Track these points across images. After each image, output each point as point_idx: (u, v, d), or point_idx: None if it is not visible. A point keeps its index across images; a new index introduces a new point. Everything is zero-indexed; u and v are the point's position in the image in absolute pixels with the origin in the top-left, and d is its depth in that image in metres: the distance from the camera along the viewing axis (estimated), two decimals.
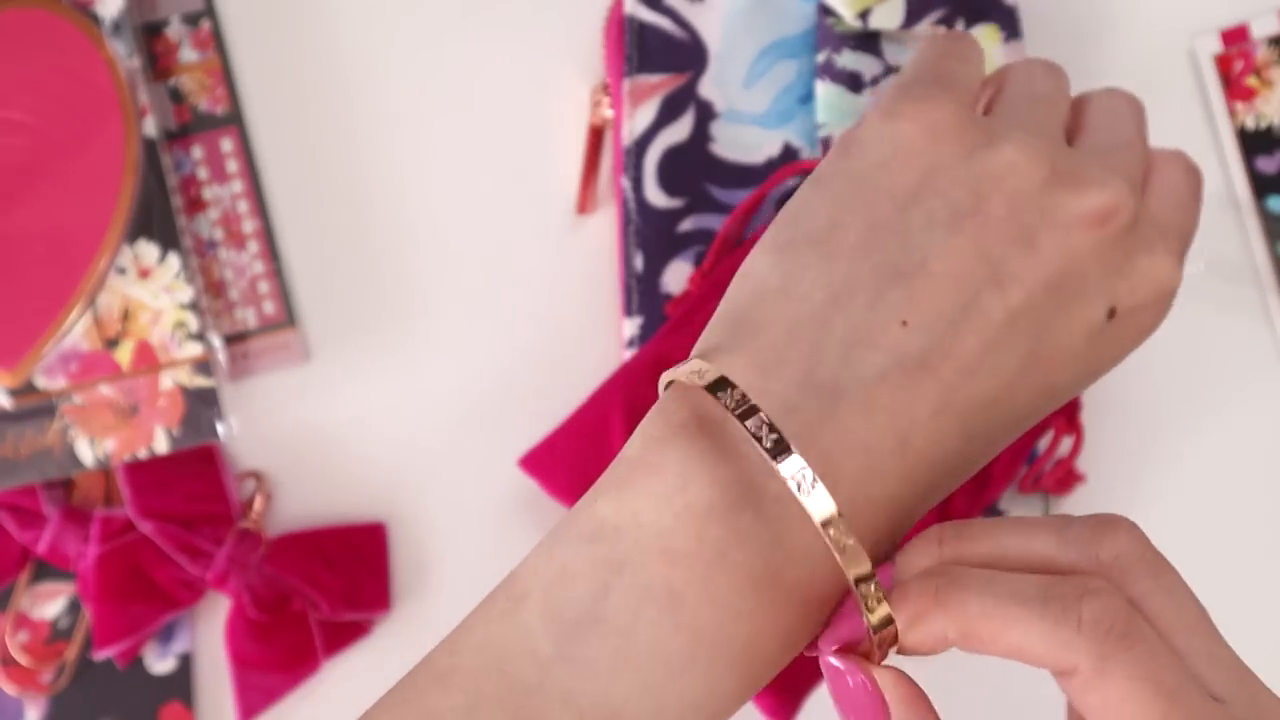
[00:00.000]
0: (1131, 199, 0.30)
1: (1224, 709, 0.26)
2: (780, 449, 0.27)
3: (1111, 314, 0.30)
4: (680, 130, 0.47)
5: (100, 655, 0.47)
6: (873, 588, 0.27)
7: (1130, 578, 0.29)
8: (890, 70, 0.48)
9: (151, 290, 0.46)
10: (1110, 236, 0.30)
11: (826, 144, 0.47)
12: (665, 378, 0.30)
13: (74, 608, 0.49)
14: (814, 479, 0.27)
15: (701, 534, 0.28)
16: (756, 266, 0.31)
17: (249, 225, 0.49)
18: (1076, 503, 0.49)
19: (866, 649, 0.28)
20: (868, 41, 0.47)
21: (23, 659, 0.48)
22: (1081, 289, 0.30)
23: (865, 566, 0.27)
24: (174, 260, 0.46)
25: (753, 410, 0.27)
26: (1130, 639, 0.26)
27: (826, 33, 0.47)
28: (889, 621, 0.27)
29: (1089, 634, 0.26)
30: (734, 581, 0.28)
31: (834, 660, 0.28)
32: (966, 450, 0.29)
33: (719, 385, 0.28)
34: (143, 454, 0.46)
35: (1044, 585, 0.27)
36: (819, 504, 0.27)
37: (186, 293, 0.46)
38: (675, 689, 0.28)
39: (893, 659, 0.28)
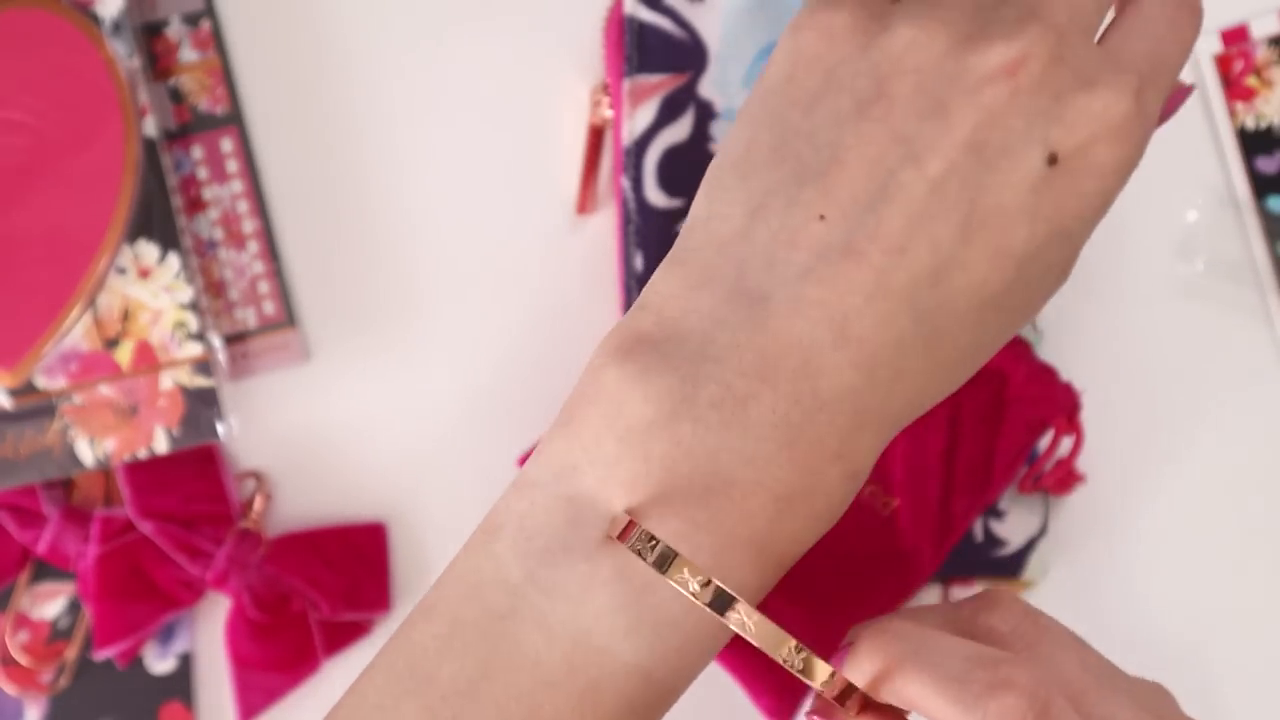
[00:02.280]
0: (1042, 43, 0.29)
1: None
2: (664, 561, 0.27)
3: (1053, 159, 0.29)
4: (680, 130, 0.47)
5: (100, 655, 0.47)
6: (795, 651, 0.28)
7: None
8: None
9: (151, 290, 0.46)
10: (1028, 84, 0.29)
11: None
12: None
13: (74, 608, 0.49)
14: (705, 580, 0.27)
15: (647, 455, 0.28)
16: (694, 205, 0.31)
17: (249, 225, 0.49)
18: (1077, 503, 0.49)
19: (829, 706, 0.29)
20: None
21: (23, 659, 0.48)
22: (1008, 142, 0.29)
23: (786, 642, 0.28)
24: (174, 260, 0.46)
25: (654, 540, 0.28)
26: None
27: None
28: (832, 677, 0.28)
29: None
30: (687, 494, 0.28)
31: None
32: (924, 331, 0.29)
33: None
34: (143, 454, 0.46)
35: (966, 665, 0.28)
36: (717, 598, 0.27)
37: (186, 293, 0.46)
38: (646, 607, 0.28)
39: None
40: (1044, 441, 0.47)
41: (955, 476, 0.46)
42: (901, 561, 0.46)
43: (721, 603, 0.27)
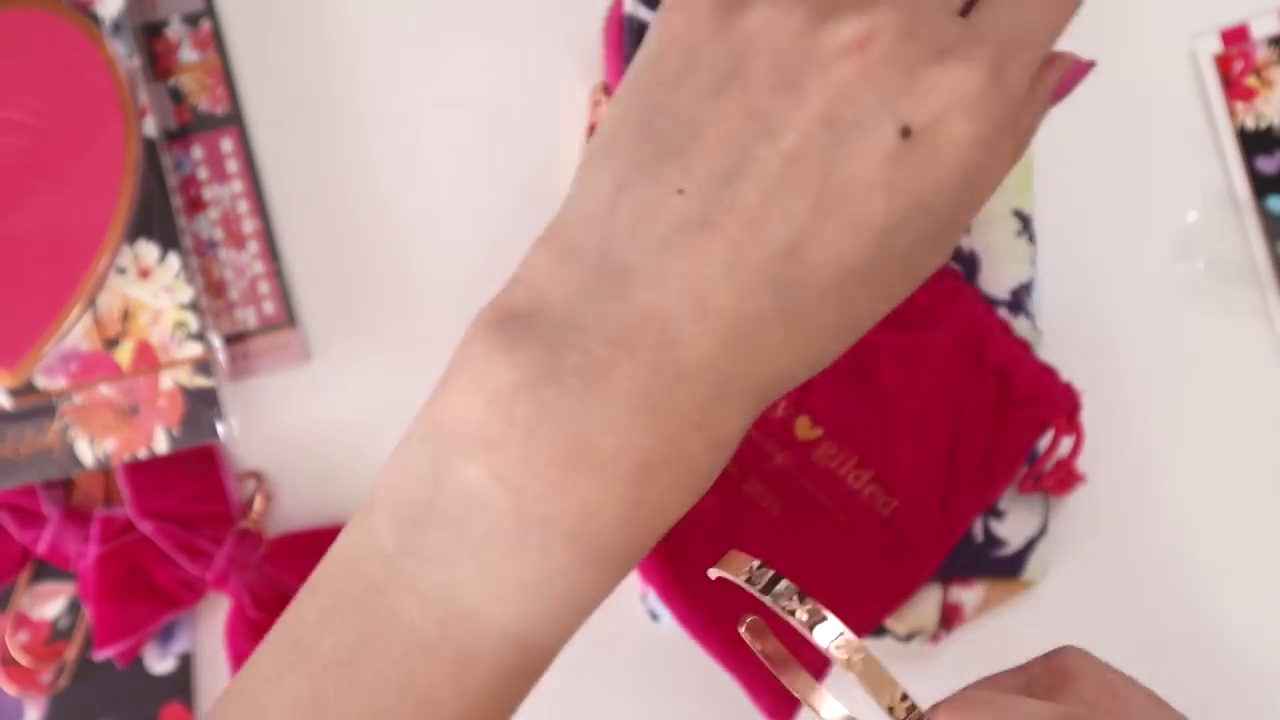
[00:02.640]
0: (894, 15, 0.30)
1: None
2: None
3: (906, 132, 0.30)
4: None
5: (100, 655, 0.47)
6: (901, 700, 0.27)
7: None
8: None
9: (151, 290, 0.46)
10: (879, 58, 0.30)
11: None
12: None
13: (74, 608, 0.49)
14: (813, 607, 0.27)
15: (511, 416, 0.28)
16: (570, 185, 0.32)
17: (249, 225, 0.49)
18: (1077, 503, 0.49)
19: None
20: None
21: (23, 659, 0.48)
22: (860, 115, 0.29)
23: (894, 688, 0.27)
24: (174, 260, 0.46)
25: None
26: None
27: None
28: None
29: None
30: (549, 455, 0.28)
31: None
32: (785, 304, 0.29)
33: None
34: (143, 454, 0.46)
35: None
36: (826, 627, 0.27)
37: (186, 293, 0.46)
38: (513, 569, 0.28)
39: None
40: (1044, 441, 0.47)
41: (955, 476, 0.46)
42: (901, 561, 0.46)
43: (826, 632, 0.27)
